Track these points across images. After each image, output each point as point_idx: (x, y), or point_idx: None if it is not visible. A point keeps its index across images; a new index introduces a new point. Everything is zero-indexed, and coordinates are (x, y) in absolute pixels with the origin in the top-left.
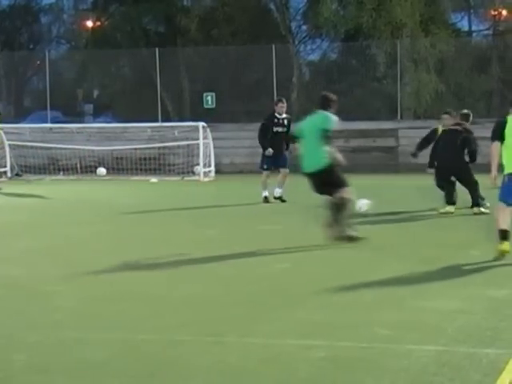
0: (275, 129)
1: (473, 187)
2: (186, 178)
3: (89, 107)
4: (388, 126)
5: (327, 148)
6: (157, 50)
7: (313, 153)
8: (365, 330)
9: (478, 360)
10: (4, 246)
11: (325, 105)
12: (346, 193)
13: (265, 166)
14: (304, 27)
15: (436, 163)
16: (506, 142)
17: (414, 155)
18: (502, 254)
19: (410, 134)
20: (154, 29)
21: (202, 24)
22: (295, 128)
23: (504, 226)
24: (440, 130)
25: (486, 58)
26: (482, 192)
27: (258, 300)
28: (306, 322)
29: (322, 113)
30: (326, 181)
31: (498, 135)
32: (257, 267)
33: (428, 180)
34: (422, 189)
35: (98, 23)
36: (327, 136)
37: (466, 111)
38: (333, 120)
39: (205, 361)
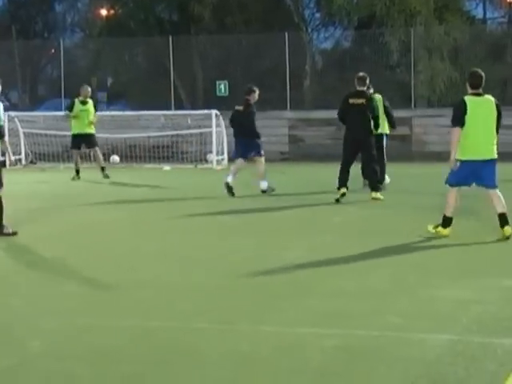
0: None
1: None
2: (198, 166)
3: (102, 95)
4: (402, 114)
5: None
6: (170, 38)
7: None
8: (378, 319)
9: (493, 350)
10: (19, 233)
11: None
12: None
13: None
14: (317, 15)
15: None
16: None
17: None
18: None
19: (423, 122)
20: (168, 17)
21: (216, 12)
22: None
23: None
24: None
25: (501, 45)
26: None
27: (270, 288)
28: (318, 311)
29: None
30: None
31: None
32: (269, 255)
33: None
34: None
35: (112, 11)
36: None
37: None
38: None
39: (217, 348)
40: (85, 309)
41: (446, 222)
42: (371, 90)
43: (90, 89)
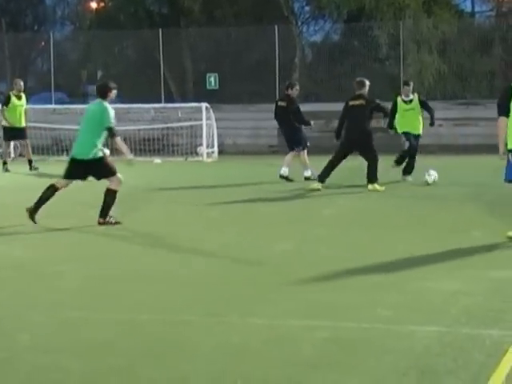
0: None
1: None
2: (189, 159)
3: (92, 88)
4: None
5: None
6: (160, 30)
7: None
8: (367, 311)
9: (482, 341)
10: (6, 227)
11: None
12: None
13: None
14: (307, 8)
15: None
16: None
17: None
18: None
19: None
20: (158, 10)
21: (205, 5)
22: None
23: None
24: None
25: (489, 39)
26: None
27: (260, 281)
28: (308, 303)
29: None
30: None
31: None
32: (259, 248)
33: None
34: (425, 169)
35: (102, 4)
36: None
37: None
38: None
39: (208, 341)
40: (74, 302)
41: None
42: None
43: (22, 83)
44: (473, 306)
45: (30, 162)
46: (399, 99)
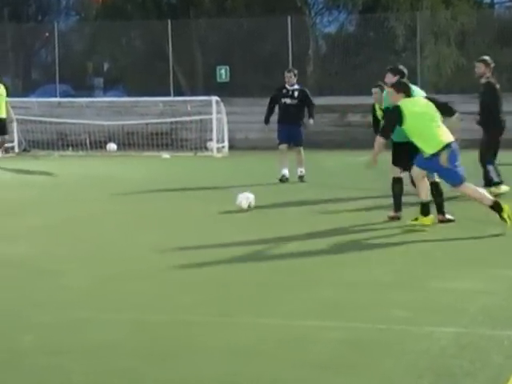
0: (283, 100)
1: None
2: (198, 154)
3: (98, 81)
4: None
5: None
6: (169, 21)
7: None
8: (383, 312)
9: (500, 342)
10: (11, 223)
11: None
12: None
13: (278, 141)
14: None
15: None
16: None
17: None
18: None
19: None
20: (166, 0)
21: None
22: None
23: None
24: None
25: (509, 30)
26: None
27: (273, 280)
28: (322, 303)
29: None
30: None
31: None
32: (271, 247)
33: None
34: None
35: None
36: None
37: None
38: None
39: (219, 342)
40: (79, 302)
41: None
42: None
43: None
44: (492, 306)
45: None
46: None
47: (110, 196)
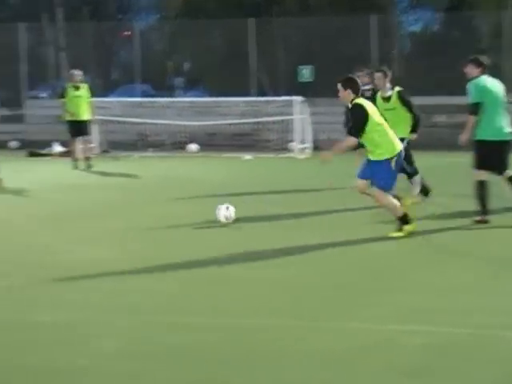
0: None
1: None
2: (280, 155)
3: (179, 81)
4: None
5: None
6: (251, 20)
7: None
8: (467, 315)
9: None
10: (93, 226)
11: None
12: None
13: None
14: None
15: None
16: None
17: None
18: None
19: None
20: None
21: None
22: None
23: None
24: None
25: None
26: None
27: (355, 284)
28: (405, 307)
29: None
30: None
31: None
32: (354, 250)
33: None
34: None
35: None
36: None
37: None
38: None
39: (300, 347)
40: (164, 306)
41: None
42: None
43: (77, 72)
44: None
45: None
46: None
47: (191, 198)
